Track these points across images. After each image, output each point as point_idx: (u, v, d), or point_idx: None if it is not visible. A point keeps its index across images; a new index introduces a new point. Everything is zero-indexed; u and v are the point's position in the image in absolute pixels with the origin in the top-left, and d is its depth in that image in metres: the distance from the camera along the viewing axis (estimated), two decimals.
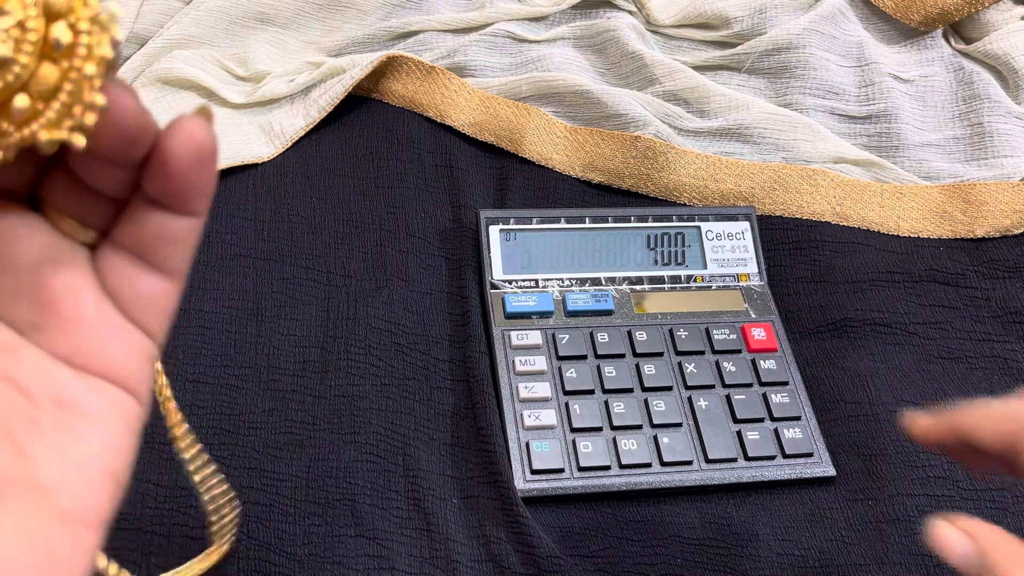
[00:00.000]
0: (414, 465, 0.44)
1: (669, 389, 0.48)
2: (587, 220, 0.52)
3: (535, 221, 0.52)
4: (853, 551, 0.43)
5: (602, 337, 0.49)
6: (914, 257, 0.55)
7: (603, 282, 0.51)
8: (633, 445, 0.45)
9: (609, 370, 0.48)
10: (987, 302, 0.53)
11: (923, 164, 0.60)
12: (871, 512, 0.45)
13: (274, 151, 0.57)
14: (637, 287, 0.51)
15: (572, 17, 0.65)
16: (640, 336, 0.49)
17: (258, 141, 0.58)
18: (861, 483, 0.46)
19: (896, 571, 0.43)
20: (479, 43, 0.63)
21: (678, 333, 0.49)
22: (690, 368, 0.48)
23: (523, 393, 0.46)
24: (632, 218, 0.53)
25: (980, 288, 0.54)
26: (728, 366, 0.49)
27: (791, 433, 0.46)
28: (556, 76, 0.60)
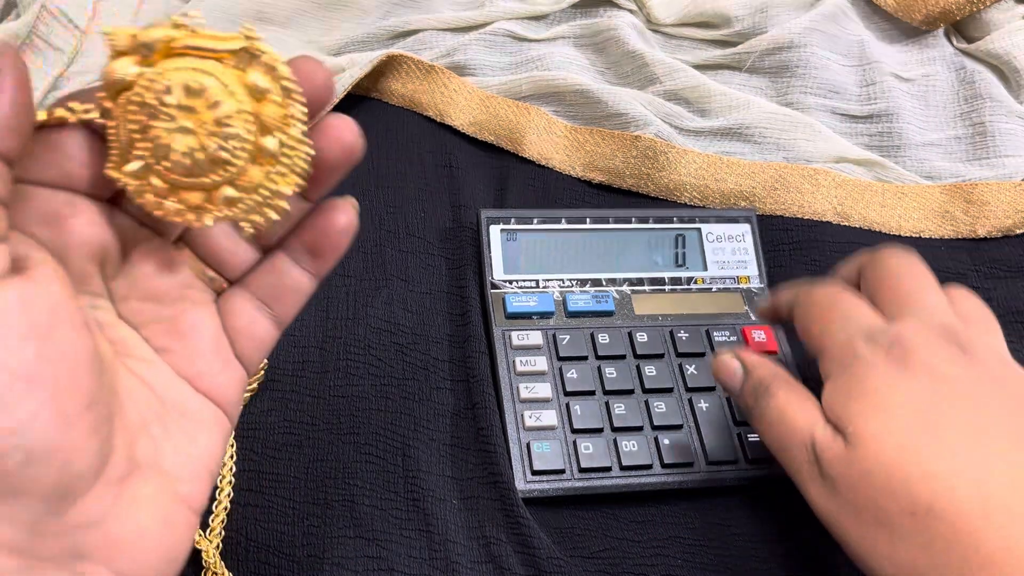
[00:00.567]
0: (414, 466, 0.44)
1: (670, 391, 0.47)
2: (588, 221, 0.52)
3: (536, 221, 0.51)
4: None
5: (603, 338, 0.49)
6: None
7: (604, 283, 0.51)
8: (634, 446, 0.45)
9: (610, 371, 0.47)
10: (989, 302, 0.53)
11: (925, 164, 0.60)
12: None
13: None
14: (638, 288, 0.51)
15: (572, 16, 0.65)
16: (641, 337, 0.49)
17: None
18: None
19: None
20: (479, 42, 0.62)
21: (679, 335, 0.49)
22: (691, 370, 0.48)
23: (524, 393, 0.46)
24: (633, 219, 0.53)
25: (982, 288, 0.53)
26: None
27: None
28: (556, 75, 0.60)
